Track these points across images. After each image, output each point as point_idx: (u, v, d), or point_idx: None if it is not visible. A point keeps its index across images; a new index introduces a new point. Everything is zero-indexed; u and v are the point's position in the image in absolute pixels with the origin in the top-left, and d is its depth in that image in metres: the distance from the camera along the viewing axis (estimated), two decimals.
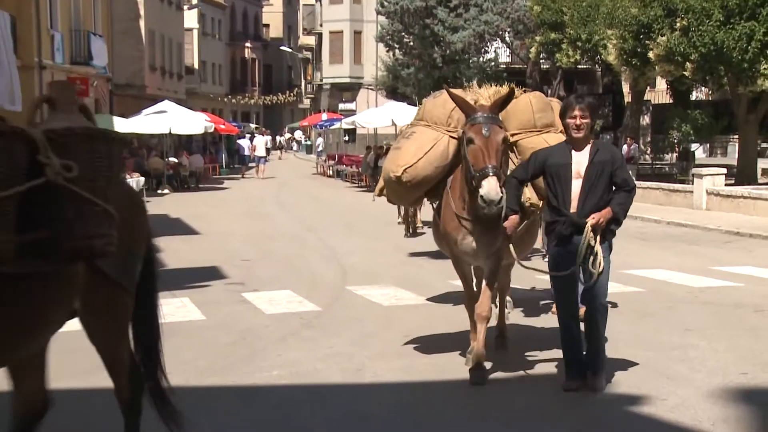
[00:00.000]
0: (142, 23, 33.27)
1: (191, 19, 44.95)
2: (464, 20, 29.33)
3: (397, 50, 33.07)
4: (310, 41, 54.08)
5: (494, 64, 31.60)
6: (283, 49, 57.05)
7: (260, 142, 33.51)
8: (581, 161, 5.02)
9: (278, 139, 55.30)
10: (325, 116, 40.49)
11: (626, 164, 5.75)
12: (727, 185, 17.60)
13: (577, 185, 5.00)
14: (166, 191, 24.37)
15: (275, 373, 5.73)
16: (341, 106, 45.03)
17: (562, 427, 4.71)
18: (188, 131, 27.06)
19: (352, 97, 45.63)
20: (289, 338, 6.71)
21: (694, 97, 28.45)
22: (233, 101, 54.30)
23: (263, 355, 6.19)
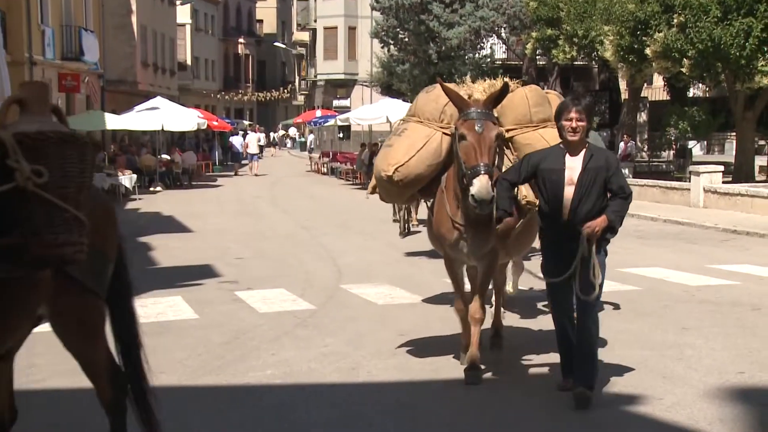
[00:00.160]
0: (134, 18, 33.15)
1: (184, 14, 44.77)
2: (460, 16, 29.22)
3: (392, 46, 32.93)
4: (304, 37, 53.92)
5: (490, 60, 31.54)
6: (276, 45, 56.91)
7: (253, 139, 33.36)
8: (575, 167, 4.81)
9: (272, 136, 55.14)
10: (319, 113, 40.40)
11: (621, 167, 5.58)
12: (724, 183, 17.61)
13: (569, 191, 4.79)
14: (158, 189, 24.31)
15: (269, 372, 5.71)
16: (335, 102, 44.96)
17: (557, 427, 4.67)
18: (181, 128, 26.97)
19: (346, 93, 45.53)
20: (283, 337, 6.68)
21: (691, 94, 28.49)
22: (226, 98, 54.16)
23: (257, 354, 6.17)
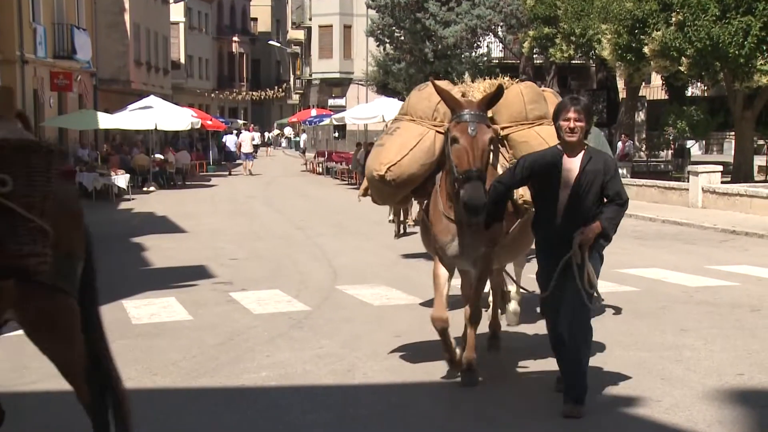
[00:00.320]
0: (127, 17, 32.96)
1: (177, 12, 44.56)
2: (456, 14, 29.08)
3: (387, 45, 32.78)
4: (299, 35, 53.66)
5: (487, 59, 31.39)
6: (271, 43, 56.71)
7: (247, 138, 33.16)
8: (571, 169, 4.61)
9: (266, 135, 54.95)
10: (314, 112, 40.27)
11: (620, 166, 5.38)
12: (723, 183, 17.55)
13: (564, 195, 4.60)
14: (152, 189, 24.22)
15: (264, 374, 5.68)
16: (331, 101, 44.78)
17: (554, 429, 4.63)
18: (174, 127, 26.82)
19: (341, 92, 45.35)
20: (277, 339, 6.65)
21: (689, 93, 28.44)
22: (220, 97, 54.01)
23: (251, 356, 6.15)
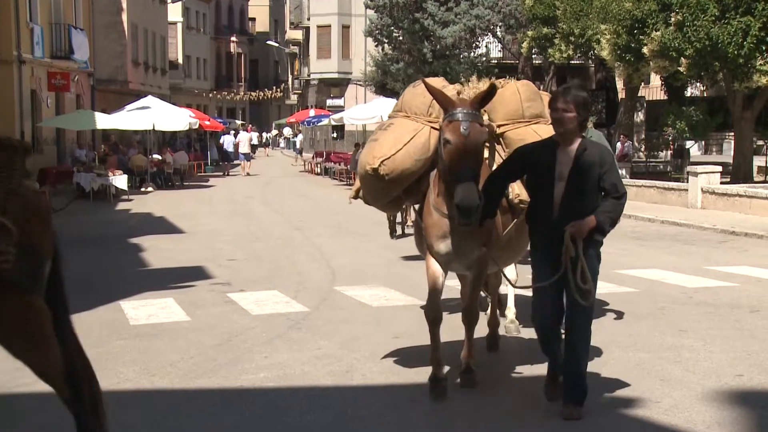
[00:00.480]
0: (124, 16, 32.90)
1: (175, 12, 44.48)
2: (455, 14, 29.04)
3: (386, 45, 32.72)
4: (297, 35, 53.59)
5: (485, 59, 31.35)
6: (269, 43, 56.63)
7: (244, 138, 33.09)
8: (565, 161, 4.48)
9: (264, 135, 54.88)
10: (312, 112, 40.20)
11: (617, 165, 5.23)
12: (722, 183, 17.50)
13: (559, 188, 4.47)
14: (149, 189, 24.16)
15: (262, 375, 5.66)
16: (329, 102, 44.73)
17: (554, 430, 4.60)
18: (172, 128, 26.77)
19: (340, 92, 45.29)
20: (276, 340, 6.62)
21: (688, 93, 28.40)
22: (218, 97, 53.93)
23: (249, 356, 6.12)
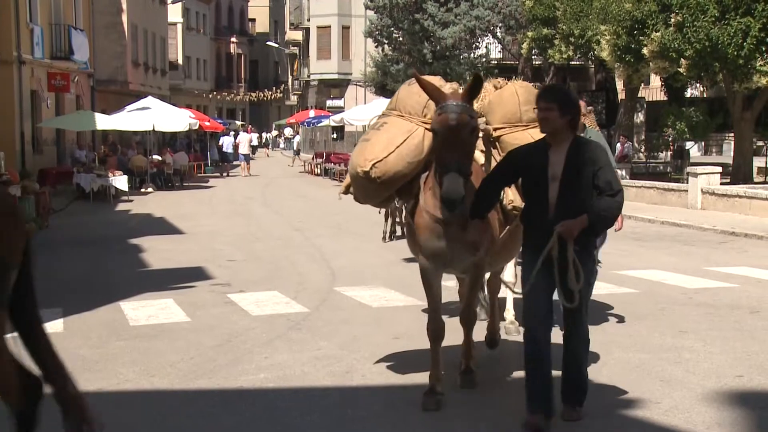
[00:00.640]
0: (124, 17, 32.89)
1: (175, 13, 44.46)
2: (455, 15, 29.06)
3: (386, 46, 32.74)
4: (297, 36, 53.60)
5: (485, 60, 31.35)
6: (269, 44, 56.60)
7: (244, 139, 33.08)
8: (558, 161, 4.41)
9: (264, 136, 54.86)
10: (312, 113, 40.17)
11: (613, 163, 5.17)
12: (722, 184, 17.48)
13: (553, 188, 4.40)
14: (149, 190, 24.15)
15: (262, 376, 5.65)
16: (329, 102, 44.74)
17: (552, 430, 4.54)
18: (172, 128, 26.75)
19: (340, 93, 45.30)
20: (276, 340, 6.61)
21: (688, 94, 28.36)
22: (218, 98, 53.88)
23: (249, 357, 6.12)
